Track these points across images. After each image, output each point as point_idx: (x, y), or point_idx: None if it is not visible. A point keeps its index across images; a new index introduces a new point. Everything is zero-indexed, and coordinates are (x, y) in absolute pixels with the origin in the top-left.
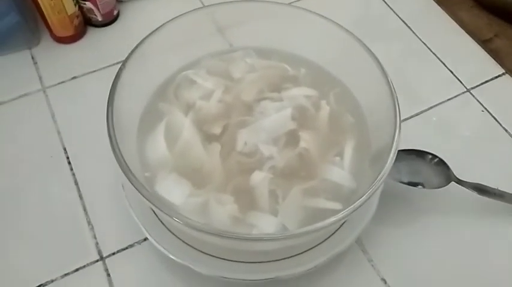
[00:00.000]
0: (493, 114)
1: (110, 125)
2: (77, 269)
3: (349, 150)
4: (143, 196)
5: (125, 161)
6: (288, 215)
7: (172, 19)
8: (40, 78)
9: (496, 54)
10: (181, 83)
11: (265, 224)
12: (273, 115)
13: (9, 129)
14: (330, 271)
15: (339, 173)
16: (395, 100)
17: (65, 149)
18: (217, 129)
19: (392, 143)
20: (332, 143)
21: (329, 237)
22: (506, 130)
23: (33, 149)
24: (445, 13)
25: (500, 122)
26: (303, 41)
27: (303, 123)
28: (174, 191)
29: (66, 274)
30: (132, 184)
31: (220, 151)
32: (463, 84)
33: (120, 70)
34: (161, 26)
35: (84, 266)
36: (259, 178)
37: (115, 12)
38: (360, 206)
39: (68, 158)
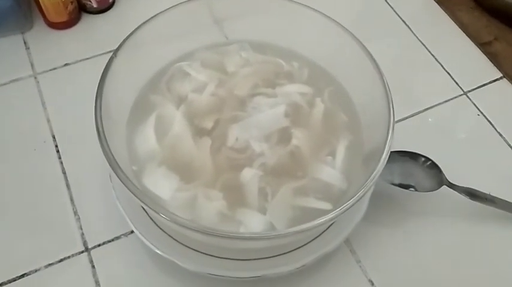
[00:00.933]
0: (489, 119)
1: (98, 118)
2: (61, 260)
3: (341, 149)
4: (130, 190)
5: (112, 155)
6: (276, 214)
7: (168, 9)
8: (32, 64)
9: (494, 58)
10: (175, 74)
11: (253, 222)
12: (266, 111)
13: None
14: (318, 270)
15: (330, 172)
16: (390, 100)
17: (54, 137)
18: (208, 124)
19: (385, 144)
20: (325, 142)
21: (318, 237)
22: (501, 135)
23: (21, 136)
24: (445, 13)
25: (496, 127)
26: (300, 37)
27: (296, 121)
28: (162, 185)
29: (50, 264)
30: (119, 178)
31: (210, 145)
32: (460, 87)
33: (111, 59)
34: (156, 15)
35: (68, 257)
36: (249, 175)
37: (110, 0)
38: (350, 207)
39: (56, 146)
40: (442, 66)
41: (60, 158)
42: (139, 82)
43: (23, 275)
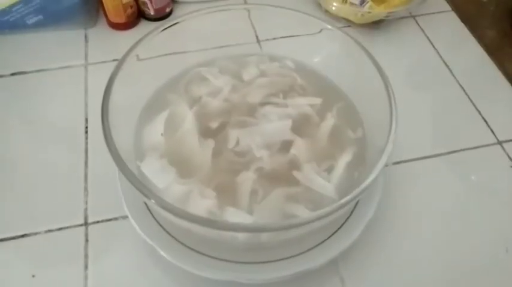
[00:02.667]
0: None
1: (105, 105)
2: (60, 229)
3: (342, 165)
4: (122, 171)
5: (111, 136)
6: (262, 215)
7: (196, 15)
8: (86, 55)
9: None
10: (193, 78)
11: (239, 221)
12: (274, 123)
13: (45, 93)
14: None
15: (324, 185)
16: (393, 119)
17: (86, 120)
18: (214, 124)
19: (379, 160)
20: (327, 155)
21: (303, 253)
22: None
23: (59, 114)
24: (493, 62)
25: None
26: (317, 53)
27: (302, 131)
28: (159, 175)
29: (49, 230)
30: (111, 153)
31: (213, 147)
32: (495, 135)
33: (128, 53)
34: (183, 20)
35: (67, 227)
36: (244, 177)
37: (167, 10)
38: (328, 215)
39: (86, 127)
40: (479, 112)
41: (87, 138)
42: (159, 80)
43: (23, 235)
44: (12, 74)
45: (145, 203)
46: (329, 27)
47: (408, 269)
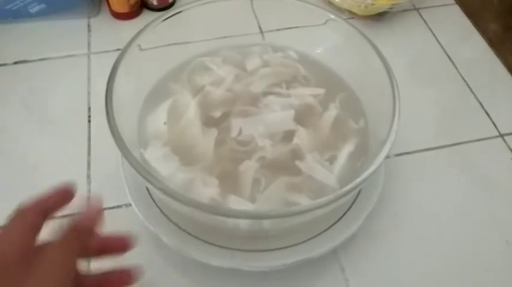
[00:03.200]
0: None
1: (109, 92)
2: (63, 216)
3: (344, 155)
4: (125, 157)
5: (114, 120)
6: (264, 204)
7: (198, 5)
8: (89, 44)
9: None
10: (196, 67)
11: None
12: (277, 113)
13: (48, 81)
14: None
15: (326, 174)
16: (396, 111)
17: (89, 109)
18: (217, 113)
19: (381, 150)
20: (329, 146)
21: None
22: None
23: (62, 102)
24: (496, 56)
25: None
26: (321, 44)
27: (304, 122)
28: (162, 162)
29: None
30: (115, 139)
31: (216, 135)
32: (497, 129)
33: (130, 42)
34: (185, 9)
35: (70, 215)
36: (246, 165)
37: (170, 0)
38: (329, 203)
39: (89, 116)
40: (481, 105)
41: (89, 127)
42: (161, 70)
43: None
44: (15, 63)
45: (148, 191)
46: (334, 17)
47: (408, 259)
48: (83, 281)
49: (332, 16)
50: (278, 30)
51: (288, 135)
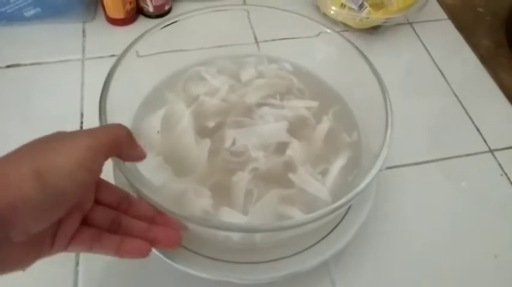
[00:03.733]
0: None
1: (103, 101)
2: None
3: (336, 168)
4: (118, 167)
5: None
6: (257, 216)
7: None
8: (83, 49)
9: None
10: (191, 77)
11: (233, 220)
12: (270, 124)
13: (41, 86)
14: None
15: (319, 187)
16: (389, 125)
17: (82, 115)
18: (210, 123)
19: (374, 165)
20: (322, 158)
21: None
22: None
23: (55, 107)
24: (487, 72)
25: None
26: (315, 56)
27: (298, 134)
28: (154, 172)
29: None
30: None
31: (210, 146)
32: (487, 144)
33: (127, 49)
34: (183, 18)
35: None
36: (240, 177)
37: (167, 7)
38: (322, 217)
39: (81, 122)
40: (471, 120)
41: None
42: (157, 78)
43: None
44: (8, 66)
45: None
46: (327, 30)
47: (398, 273)
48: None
49: (326, 29)
50: (273, 40)
51: (281, 147)
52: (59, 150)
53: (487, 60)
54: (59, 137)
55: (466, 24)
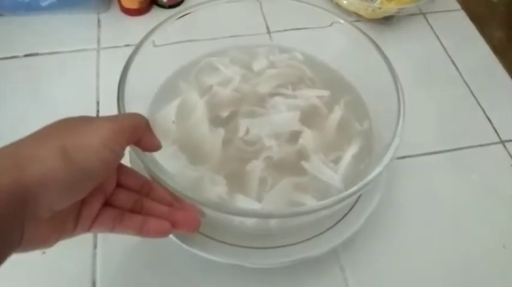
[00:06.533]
0: None
1: (121, 92)
2: None
3: (348, 156)
4: (138, 156)
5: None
6: (271, 203)
7: (214, 3)
8: (98, 39)
9: None
10: (205, 67)
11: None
12: (283, 113)
13: (58, 75)
14: (300, 275)
15: (331, 175)
16: (401, 114)
17: (97, 103)
18: (224, 113)
19: (386, 154)
20: (334, 147)
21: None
22: None
23: (71, 96)
24: (499, 63)
25: None
26: (327, 46)
27: (310, 123)
28: (169, 160)
29: None
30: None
31: (224, 135)
32: (498, 135)
33: (144, 39)
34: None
35: None
36: (253, 165)
37: None
38: (335, 204)
39: (98, 111)
40: (483, 110)
41: None
42: (171, 68)
43: None
44: (26, 55)
45: None
46: (340, 20)
47: (407, 260)
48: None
49: (339, 19)
50: (286, 30)
51: (294, 136)
52: (84, 130)
53: (499, 51)
54: (83, 119)
55: (479, 15)
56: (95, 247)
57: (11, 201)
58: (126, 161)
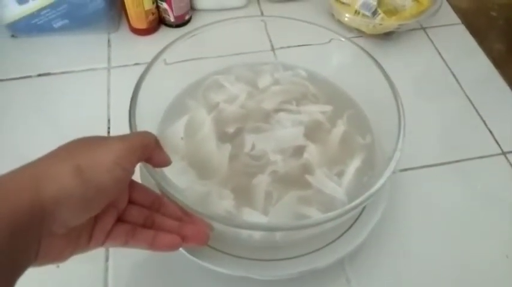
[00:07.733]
0: None
1: (132, 111)
2: None
3: (351, 170)
4: (148, 171)
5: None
6: (277, 216)
7: (213, 26)
8: (109, 58)
9: None
10: (211, 85)
11: (255, 220)
12: (287, 129)
13: (70, 94)
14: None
15: (335, 188)
16: (401, 128)
17: (108, 121)
18: (231, 129)
19: (387, 166)
20: (337, 161)
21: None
22: None
23: (83, 113)
24: (500, 75)
25: None
26: (329, 63)
27: (314, 137)
28: (179, 175)
29: None
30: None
31: (230, 150)
32: (500, 146)
33: (154, 60)
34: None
35: None
36: (259, 179)
37: (187, 17)
38: (339, 216)
39: (108, 128)
40: (484, 122)
41: None
42: (179, 86)
43: None
44: (39, 75)
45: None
46: (340, 38)
47: (411, 272)
48: (132, 207)
49: (338, 36)
50: (289, 47)
51: (299, 151)
52: (97, 149)
53: (499, 63)
54: (96, 139)
55: (479, 29)
56: (107, 260)
57: (29, 219)
58: (137, 176)
